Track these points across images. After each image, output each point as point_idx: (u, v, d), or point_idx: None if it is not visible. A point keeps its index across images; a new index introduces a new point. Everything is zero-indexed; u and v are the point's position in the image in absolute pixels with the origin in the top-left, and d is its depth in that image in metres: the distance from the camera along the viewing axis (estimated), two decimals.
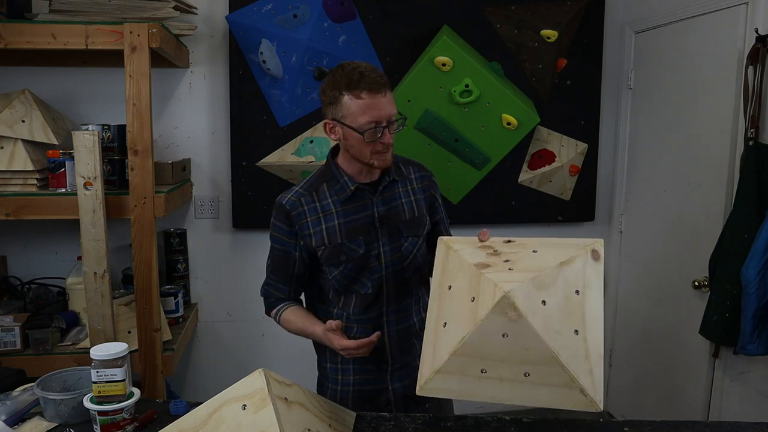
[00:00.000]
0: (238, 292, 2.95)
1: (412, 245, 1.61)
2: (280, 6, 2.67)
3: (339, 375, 1.68)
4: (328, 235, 1.55)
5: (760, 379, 2.21)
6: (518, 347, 1.21)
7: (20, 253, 2.71)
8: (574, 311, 1.24)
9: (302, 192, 1.59)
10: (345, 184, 1.56)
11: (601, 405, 1.20)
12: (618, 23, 3.06)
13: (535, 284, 1.23)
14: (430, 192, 1.69)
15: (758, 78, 2.14)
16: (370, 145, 1.48)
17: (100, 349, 1.38)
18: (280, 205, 1.59)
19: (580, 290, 1.26)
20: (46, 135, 2.25)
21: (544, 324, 1.20)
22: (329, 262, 1.57)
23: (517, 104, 2.80)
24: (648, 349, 2.90)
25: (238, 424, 1.14)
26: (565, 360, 1.19)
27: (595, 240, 1.34)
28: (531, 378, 1.22)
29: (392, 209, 1.60)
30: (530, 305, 1.21)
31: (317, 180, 1.61)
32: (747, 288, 1.98)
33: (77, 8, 2.25)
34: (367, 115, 1.45)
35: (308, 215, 1.56)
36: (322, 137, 2.79)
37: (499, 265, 1.30)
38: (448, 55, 2.68)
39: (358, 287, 1.59)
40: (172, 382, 2.81)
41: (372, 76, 1.45)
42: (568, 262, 1.28)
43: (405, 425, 1.45)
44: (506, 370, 1.23)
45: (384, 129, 1.47)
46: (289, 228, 1.58)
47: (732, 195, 2.26)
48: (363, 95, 1.44)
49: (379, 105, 1.45)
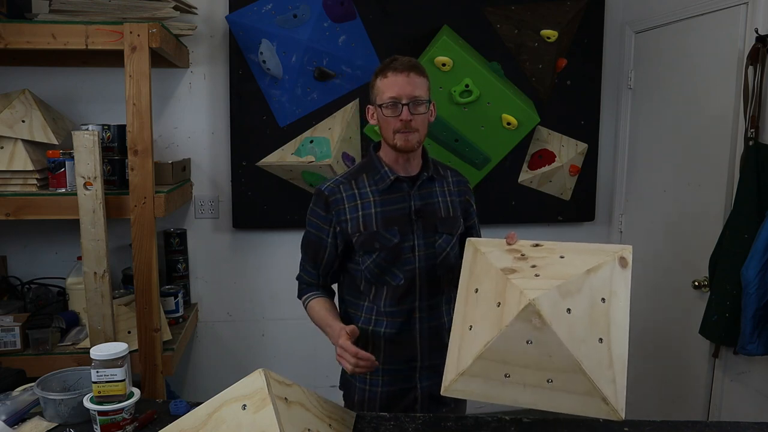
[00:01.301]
0: (238, 292, 2.95)
1: (446, 243, 1.64)
2: (280, 6, 2.67)
3: (367, 375, 1.67)
4: (364, 222, 1.58)
5: (760, 379, 2.20)
6: (542, 354, 1.22)
7: (20, 253, 2.70)
8: (599, 319, 1.24)
9: (342, 180, 1.64)
10: (385, 175, 1.60)
11: (623, 414, 1.20)
12: (618, 23, 3.06)
13: (561, 292, 1.24)
14: (466, 197, 1.74)
15: (758, 78, 2.14)
16: (391, 122, 1.54)
17: (100, 349, 1.38)
18: (319, 192, 1.64)
19: (606, 298, 1.26)
20: (46, 135, 2.25)
21: (568, 332, 1.21)
22: (364, 248, 1.59)
23: (517, 104, 2.80)
24: (648, 349, 2.90)
25: (238, 424, 1.14)
26: (588, 368, 1.20)
27: (623, 247, 1.34)
28: (554, 384, 1.23)
29: (428, 205, 1.63)
30: (555, 313, 1.21)
31: (358, 170, 1.67)
32: (747, 288, 1.98)
33: (77, 8, 2.25)
34: (388, 91, 1.53)
35: (346, 201, 1.60)
36: (322, 137, 2.79)
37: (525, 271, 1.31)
38: (448, 55, 2.68)
39: (389, 278, 1.61)
40: (172, 382, 2.81)
41: (402, 61, 1.56)
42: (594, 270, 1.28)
43: (405, 425, 1.44)
44: (530, 375, 1.24)
45: (404, 106, 1.52)
46: (326, 214, 1.62)
47: (732, 195, 2.26)
48: (389, 74, 1.54)
49: (401, 83, 1.52)
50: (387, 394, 1.66)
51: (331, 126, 2.81)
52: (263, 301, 2.98)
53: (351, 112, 2.83)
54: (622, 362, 1.23)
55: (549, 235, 3.13)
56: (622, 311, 1.26)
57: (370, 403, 1.67)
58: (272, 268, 2.96)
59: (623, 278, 1.30)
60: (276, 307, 2.99)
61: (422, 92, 1.55)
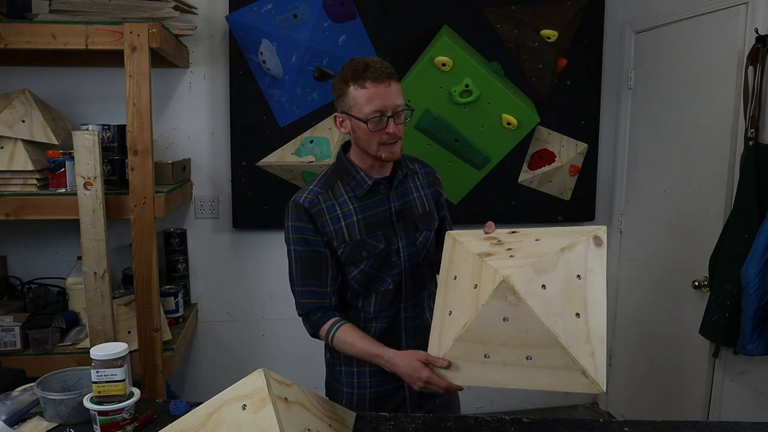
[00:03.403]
0: (238, 292, 2.95)
1: (426, 239, 1.63)
2: (280, 6, 2.67)
3: (355, 378, 1.64)
4: (348, 232, 1.53)
5: (760, 379, 2.21)
6: (519, 331, 1.23)
7: (20, 253, 2.70)
8: (575, 295, 1.25)
9: (318, 190, 1.56)
10: (362, 180, 1.55)
11: (604, 386, 1.20)
12: (618, 23, 3.06)
13: (535, 269, 1.25)
14: (436, 188, 1.72)
15: (758, 78, 2.14)
16: (377, 136, 1.47)
17: (100, 349, 1.38)
18: (297, 205, 1.54)
19: (582, 275, 1.27)
20: (46, 135, 2.25)
21: (543, 307, 1.22)
22: (350, 259, 1.55)
23: (517, 104, 2.80)
24: (648, 349, 2.90)
25: (238, 424, 1.14)
26: (566, 342, 1.20)
27: (598, 227, 1.36)
28: (533, 362, 1.24)
29: (407, 203, 1.61)
30: (530, 289, 1.22)
31: (331, 177, 1.58)
32: (747, 288, 1.98)
33: (77, 8, 2.25)
34: (371, 104, 1.45)
35: (327, 213, 1.54)
36: (322, 137, 2.79)
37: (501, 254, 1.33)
38: (448, 55, 2.68)
39: (378, 284, 1.59)
40: (172, 382, 2.81)
41: (377, 67, 1.46)
42: (569, 248, 1.30)
43: (405, 425, 1.44)
44: (508, 354, 1.25)
45: (389, 119, 1.47)
46: (314, 226, 1.53)
47: (732, 195, 2.26)
48: (367, 84, 1.45)
49: (383, 94, 1.45)
50: (376, 395, 1.64)
51: (331, 126, 2.81)
52: (263, 301, 2.98)
53: None
54: (600, 336, 1.23)
55: None
56: (598, 288, 1.27)
57: (359, 406, 1.63)
58: (272, 268, 2.96)
59: (598, 256, 1.31)
60: (276, 307, 2.99)
61: (401, 99, 1.49)
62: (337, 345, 1.55)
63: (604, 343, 1.23)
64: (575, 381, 1.21)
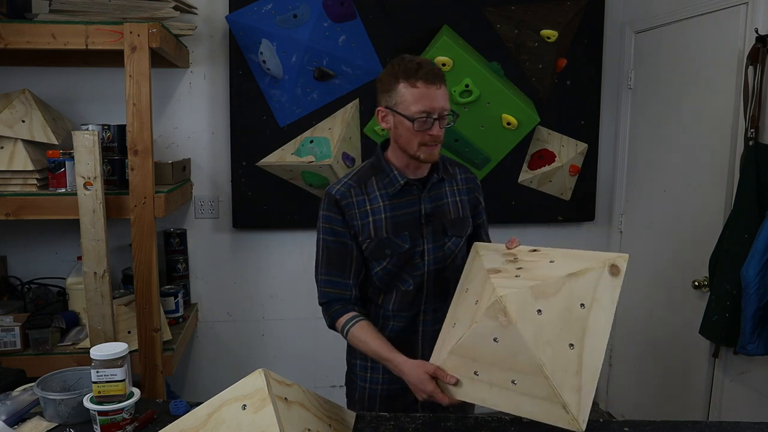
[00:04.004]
0: (238, 292, 2.95)
1: (455, 245, 1.62)
2: (280, 6, 2.67)
3: (368, 373, 1.67)
4: (374, 229, 1.55)
5: (760, 379, 2.20)
6: (507, 353, 1.20)
7: (20, 253, 2.71)
8: (574, 324, 1.20)
9: (351, 183, 1.59)
10: (395, 179, 1.57)
11: (584, 425, 1.15)
12: (618, 23, 3.06)
13: (534, 293, 1.21)
14: (475, 194, 1.70)
15: (758, 78, 2.14)
16: (419, 136, 1.48)
17: (100, 349, 1.38)
18: (330, 196, 1.57)
19: (587, 304, 1.22)
20: (46, 135, 2.25)
21: (534, 333, 1.18)
22: (374, 255, 1.57)
23: (517, 104, 2.80)
24: (648, 349, 2.90)
25: (238, 424, 1.14)
26: (551, 372, 1.16)
27: (619, 255, 1.28)
28: (517, 386, 1.21)
29: (438, 207, 1.60)
30: (523, 312, 1.19)
31: (366, 172, 1.61)
32: (747, 288, 1.98)
33: (77, 8, 2.25)
34: (419, 103, 1.46)
35: (356, 207, 1.56)
36: (322, 137, 2.79)
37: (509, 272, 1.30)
38: (448, 55, 2.68)
39: (399, 283, 1.59)
40: (172, 382, 2.81)
41: (429, 68, 1.48)
42: (577, 274, 1.24)
43: (405, 425, 1.44)
44: (496, 374, 1.23)
45: (435, 121, 1.48)
46: (342, 218, 1.56)
47: (732, 195, 2.26)
48: (418, 84, 1.46)
49: (433, 96, 1.46)
50: (387, 392, 1.66)
51: (331, 126, 2.81)
52: (263, 301, 2.98)
53: (351, 112, 2.83)
54: (593, 372, 1.18)
55: (549, 235, 3.13)
56: (602, 320, 1.21)
57: (370, 401, 1.66)
58: (272, 268, 2.96)
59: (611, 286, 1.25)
60: (276, 307, 2.99)
61: (448, 104, 1.50)
62: (351, 340, 1.57)
63: (595, 380, 1.18)
64: (555, 413, 1.17)
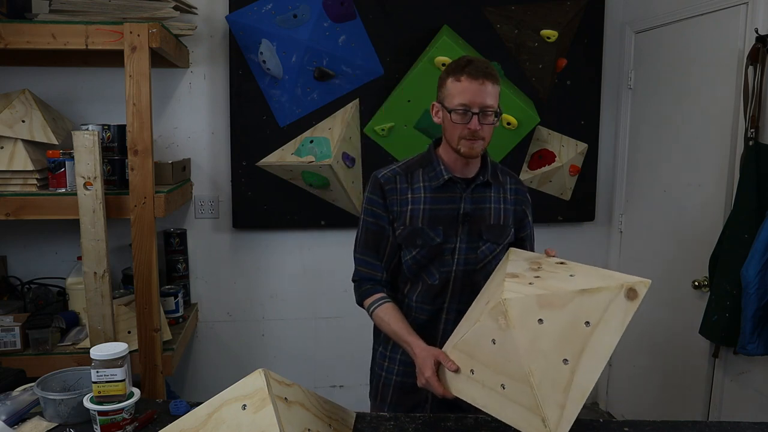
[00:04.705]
0: (238, 292, 2.95)
1: (489, 251, 1.61)
2: (280, 6, 2.67)
3: (386, 362, 1.70)
4: (411, 217, 1.58)
5: (760, 379, 2.20)
6: (502, 357, 1.21)
7: (20, 253, 2.70)
8: (574, 341, 1.19)
9: (398, 171, 1.63)
10: (440, 173, 1.60)
11: None
12: (618, 23, 3.06)
13: (540, 302, 1.21)
14: (522, 207, 1.71)
15: (758, 78, 2.14)
16: (458, 129, 1.51)
17: (100, 349, 1.38)
18: (375, 179, 1.63)
19: (592, 323, 1.20)
20: (46, 135, 2.25)
21: (530, 341, 1.18)
22: (406, 242, 1.59)
23: (517, 104, 2.80)
24: (648, 349, 2.90)
25: (238, 424, 1.14)
26: (537, 383, 1.16)
27: (641, 280, 1.24)
28: (505, 391, 1.21)
29: (479, 210, 1.61)
30: (523, 319, 1.19)
31: (415, 163, 1.65)
32: (747, 288, 1.98)
33: (77, 8, 2.25)
34: (460, 96, 1.50)
35: (399, 193, 1.60)
36: (322, 137, 2.79)
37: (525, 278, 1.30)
38: (448, 55, 2.68)
39: (426, 276, 1.61)
40: (172, 382, 2.81)
41: (477, 65, 1.50)
42: (590, 292, 1.21)
43: (405, 425, 1.44)
44: (489, 376, 1.24)
45: (473, 115, 1.49)
46: (384, 201, 1.60)
47: (732, 195, 2.26)
48: (462, 79, 1.50)
49: (475, 90, 1.49)
50: (400, 384, 1.67)
51: (331, 126, 2.81)
52: (263, 301, 2.98)
53: (351, 112, 2.83)
54: (582, 392, 1.16)
55: (549, 235, 3.13)
56: (606, 342, 1.19)
57: (384, 390, 1.69)
58: (272, 268, 2.96)
59: (623, 310, 1.22)
60: (276, 307, 2.99)
61: (494, 101, 1.51)
62: (376, 319, 1.62)
63: (582, 400, 1.16)
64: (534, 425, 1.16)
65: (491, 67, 1.52)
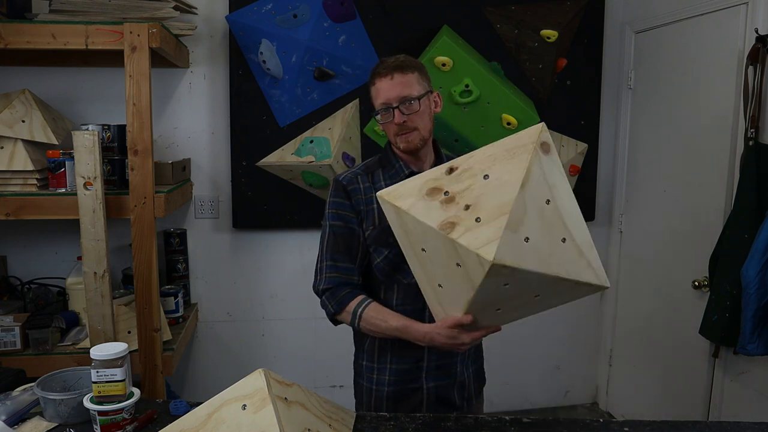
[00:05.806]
0: (238, 292, 2.95)
1: None
2: (280, 6, 2.67)
3: (375, 374, 1.66)
4: (378, 216, 1.56)
5: (760, 379, 2.21)
6: (522, 287, 1.25)
7: (20, 253, 2.70)
8: (554, 222, 1.23)
9: (359, 172, 1.64)
10: (400, 169, 1.60)
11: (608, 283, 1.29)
12: (618, 23, 3.06)
13: (510, 228, 1.16)
14: None
15: (758, 78, 2.14)
16: (390, 128, 1.55)
17: (100, 349, 1.38)
18: (337, 182, 1.62)
19: (550, 198, 1.23)
20: (46, 135, 2.25)
21: (536, 258, 1.19)
22: (377, 242, 1.57)
23: (517, 104, 2.80)
24: (648, 349, 2.90)
25: (238, 424, 1.14)
26: (567, 273, 1.22)
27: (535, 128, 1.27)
28: (540, 297, 1.30)
29: None
30: (517, 253, 1.17)
31: (374, 164, 1.66)
32: (747, 288, 1.98)
33: (77, 8, 2.25)
34: (378, 98, 1.55)
35: (363, 193, 1.60)
36: (322, 137, 2.79)
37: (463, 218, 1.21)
38: (448, 55, 2.68)
39: (401, 276, 1.58)
40: (172, 382, 2.81)
41: (386, 63, 1.55)
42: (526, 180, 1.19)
43: (405, 425, 1.44)
44: (517, 301, 1.30)
45: (394, 110, 1.51)
46: (350, 202, 1.60)
47: (732, 195, 2.26)
48: (376, 81, 1.55)
49: (387, 86, 1.52)
50: (393, 393, 1.65)
51: (331, 126, 2.81)
52: (263, 301, 2.98)
53: (351, 112, 2.83)
54: (588, 245, 1.26)
55: None
56: (567, 200, 1.26)
57: (377, 403, 1.65)
58: (272, 268, 2.96)
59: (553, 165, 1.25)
60: (276, 307, 2.99)
61: (411, 90, 1.51)
62: (367, 320, 1.54)
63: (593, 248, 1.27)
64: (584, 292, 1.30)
65: (403, 59, 1.55)
